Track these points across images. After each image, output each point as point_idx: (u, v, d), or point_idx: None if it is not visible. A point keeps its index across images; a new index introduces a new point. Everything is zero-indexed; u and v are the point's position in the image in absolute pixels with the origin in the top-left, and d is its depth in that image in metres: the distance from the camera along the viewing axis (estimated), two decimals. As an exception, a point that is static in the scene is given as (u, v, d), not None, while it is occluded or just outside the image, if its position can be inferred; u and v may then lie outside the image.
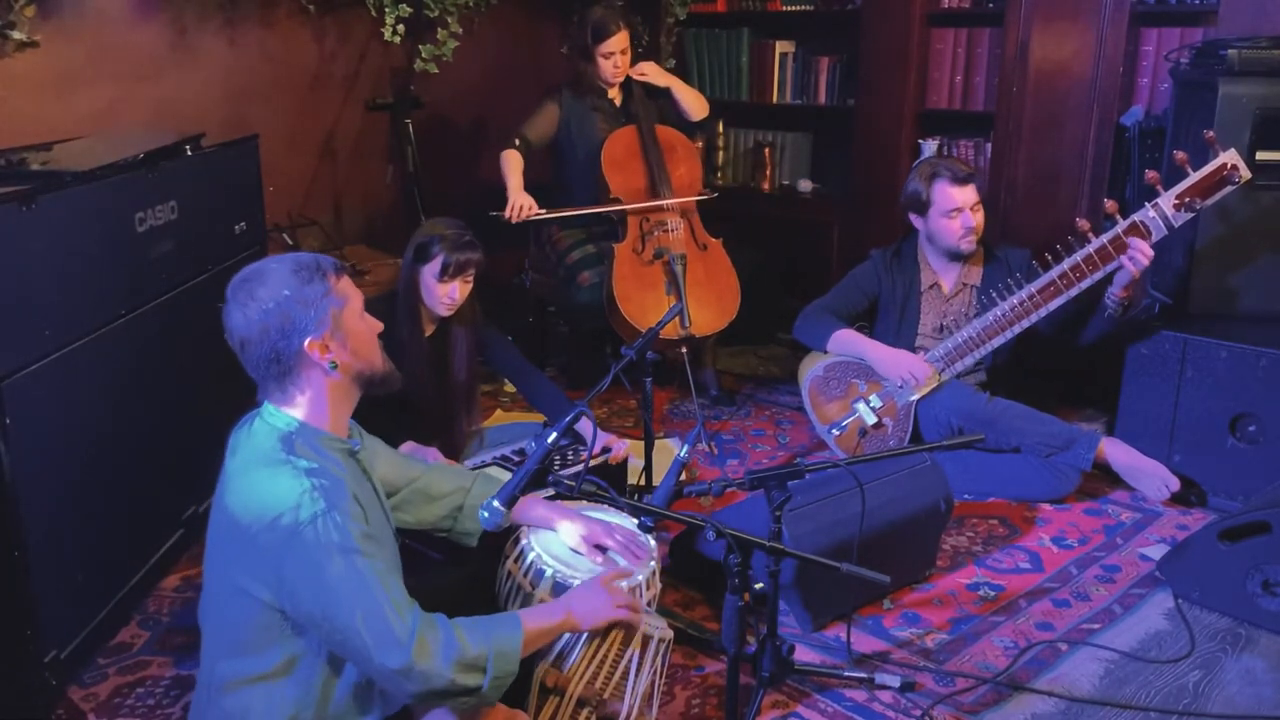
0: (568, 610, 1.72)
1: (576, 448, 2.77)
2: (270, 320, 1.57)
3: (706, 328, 3.53)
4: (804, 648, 2.31)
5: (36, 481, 2.05)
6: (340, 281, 1.64)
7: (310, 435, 1.61)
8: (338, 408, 1.66)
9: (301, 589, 1.50)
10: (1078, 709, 2.11)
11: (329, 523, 1.49)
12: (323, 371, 1.62)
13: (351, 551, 1.49)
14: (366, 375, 1.68)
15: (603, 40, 3.64)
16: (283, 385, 1.62)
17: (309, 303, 1.58)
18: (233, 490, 1.58)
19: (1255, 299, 3.01)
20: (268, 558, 1.50)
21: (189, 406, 2.66)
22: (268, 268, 1.61)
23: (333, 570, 1.48)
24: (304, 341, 1.58)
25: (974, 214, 3.08)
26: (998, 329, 3.00)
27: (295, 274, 1.59)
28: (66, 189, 2.18)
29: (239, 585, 1.55)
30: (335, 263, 1.66)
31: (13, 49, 3.06)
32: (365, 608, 1.47)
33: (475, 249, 2.58)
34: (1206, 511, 2.94)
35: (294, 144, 3.91)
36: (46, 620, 2.10)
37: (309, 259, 1.63)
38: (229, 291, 1.62)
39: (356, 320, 1.66)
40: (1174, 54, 3.31)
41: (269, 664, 1.57)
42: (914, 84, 4.04)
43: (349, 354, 1.64)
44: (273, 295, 1.57)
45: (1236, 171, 2.73)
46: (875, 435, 3.16)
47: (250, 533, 1.52)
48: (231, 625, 1.59)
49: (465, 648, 1.52)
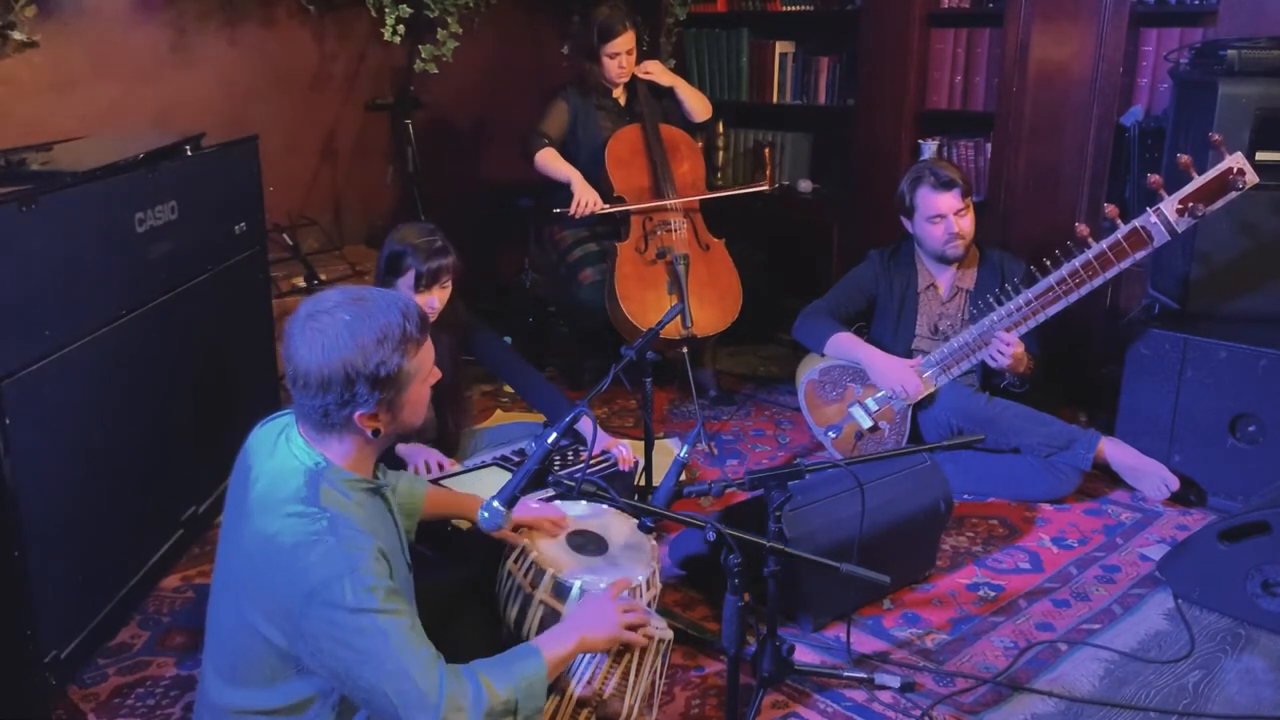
0: (580, 634, 1.70)
1: (577, 448, 2.77)
2: (334, 382, 1.50)
3: (708, 328, 3.53)
4: (804, 648, 2.31)
5: (36, 481, 2.05)
6: (419, 353, 1.56)
7: (336, 476, 1.56)
8: (365, 456, 1.63)
9: (325, 647, 1.45)
10: (1078, 709, 2.11)
11: (355, 584, 1.44)
12: (365, 437, 1.58)
13: (377, 613, 1.44)
14: (404, 436, 1.67)
15: (609, 40, 3.65)
16: (321, 430, 1.58)
17: (378, 382, 1.51)
18: (256, 523, 1.52)
19: (1255, 299, 3.01)
20: (286, 609, 1.46)
21: (189, 406, 2.67)
22: (352, 321, 1.50)
23: (357, 632, 1.43)
24: (356, 414, 1.54)
25: (958, 220, 3.07)
26: (993, 336, 2.99)
27: (378, 344, 1.50)
28: (66, 189, 2.18)
29: (250, 621, 1.51)
30: (419, 324, 1.56)
31: (13, 49, 3.06)
32: (391, 670, 1.43)
33: (447, 254, 2.55)
34: (1206, 511, 2.94)
35: (294, 144, 3.91)
36: (46, 620, 2.10)
37: (398, 323, 1.52)
38: (303, 314, 1.53)
39: (418, 387, 1.60)
40: (1174, 54, 3.31)
41: (277, 701, 1.53)
42: (914, 84, 4.04)
43: (396, 425, 1.60)
44: (344, 355, 1.49)
45: (1242, 176, 2.70)
46: (871, 438, 3.16)
47: (269, 576, 1.48)
48: (239, 655, 1.55)
49: (494, 696, 1.50)
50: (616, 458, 2.73)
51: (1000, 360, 2.90)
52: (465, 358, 2.89)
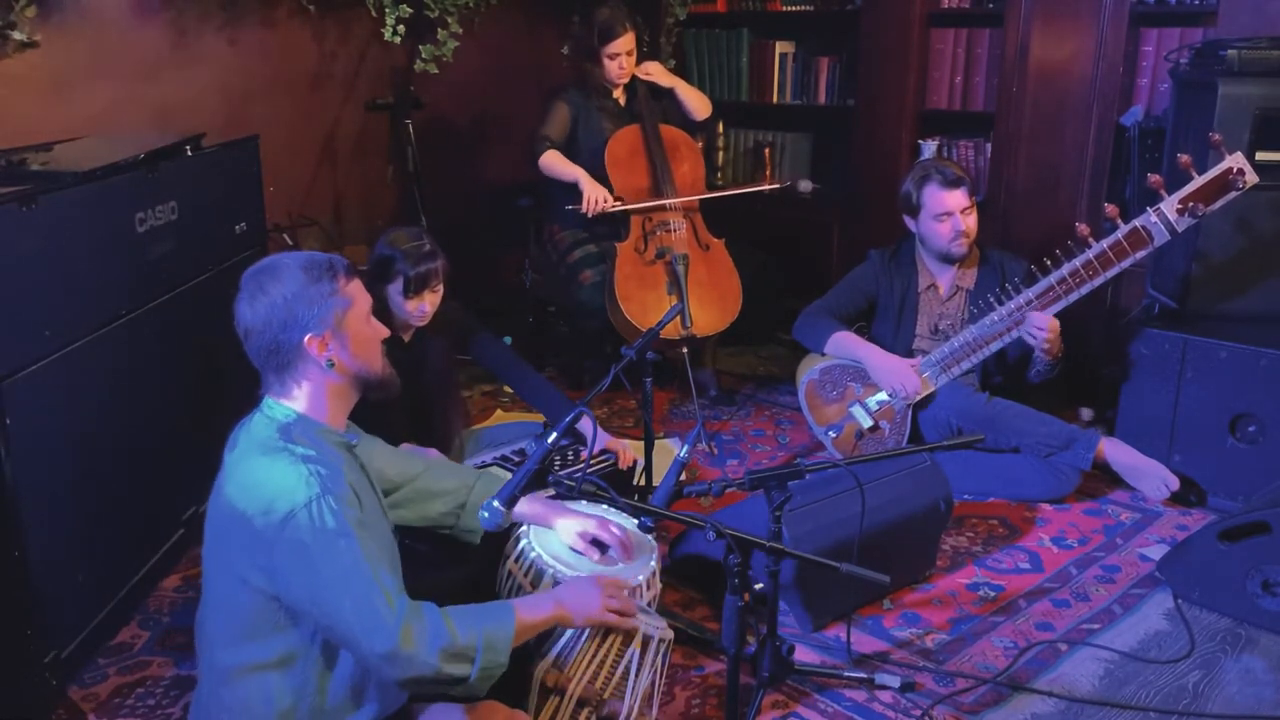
0: (557, 601, 1.72)
1: (577, 448, 2.76)
2: (274, 313, 1.60)
3: (708, 328, 3.53)
4: (804, 648, 2.31)
5: (36, 481, 2.06)
6: (349, 284, 1.67)
7: (308, 426, 1.64)
8: (335, 405, 1.69)
9: (292, 574, 1.52)
10: (1078, 709, 2.12)
11: (323, 506, 1.51)
12: (320, 369, 1.64)
13: (343, 535, 1.51)
14: (364, 377, 1.71)
15: (609, 41, 3.64)
16: (282, 378, 1.65)
17: (313, 300, 1.62)
18: (231, 479, 1.60)
19: (1255, 299, 3.01)
20: (262, 543, 1.52)
21: (189, 406, 2.67)
22: (280, 263, 1.65)
23: (323, 554, 1.50)
24: (304, 337, 1.61)
25: (964, 218, 3.07)
26: (993, 336, 2.98)
27: (305, 271, 1.63)
28: (66, 189, 2.18)
29: (237, 573, 1.57)
30: (347, 264, 1.68)
31: (13, 49, 3.06)
32: (353, 592, 1.49)
33: (435, 258, 2.54)
34: (1206, 511, 2.94)
35: (294, 144, 3.91)
36: (46, 620, 2.10)
37: (322, 258, 1.66)
38: (241, 281, 1.65)
39: (361, 323, 1.69)
40: (1174, 54, 3.31)
41: (267, 654, 1.58)
42: (914, 84, 4.04)
43: (348, 355, 1.66)
44: (280, 289, 1.61)
45: (1242, 176, 2.70)
46: (872, 438, 3.16)
47: (247, 517, 1.54)
48: (230, 614, 1.61)
49: (454, 637, 1.54)
50: (619, 456, 2.73)
51: (1038, 338, 2.88)
52: (463, 358, 2.88)
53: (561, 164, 3.63)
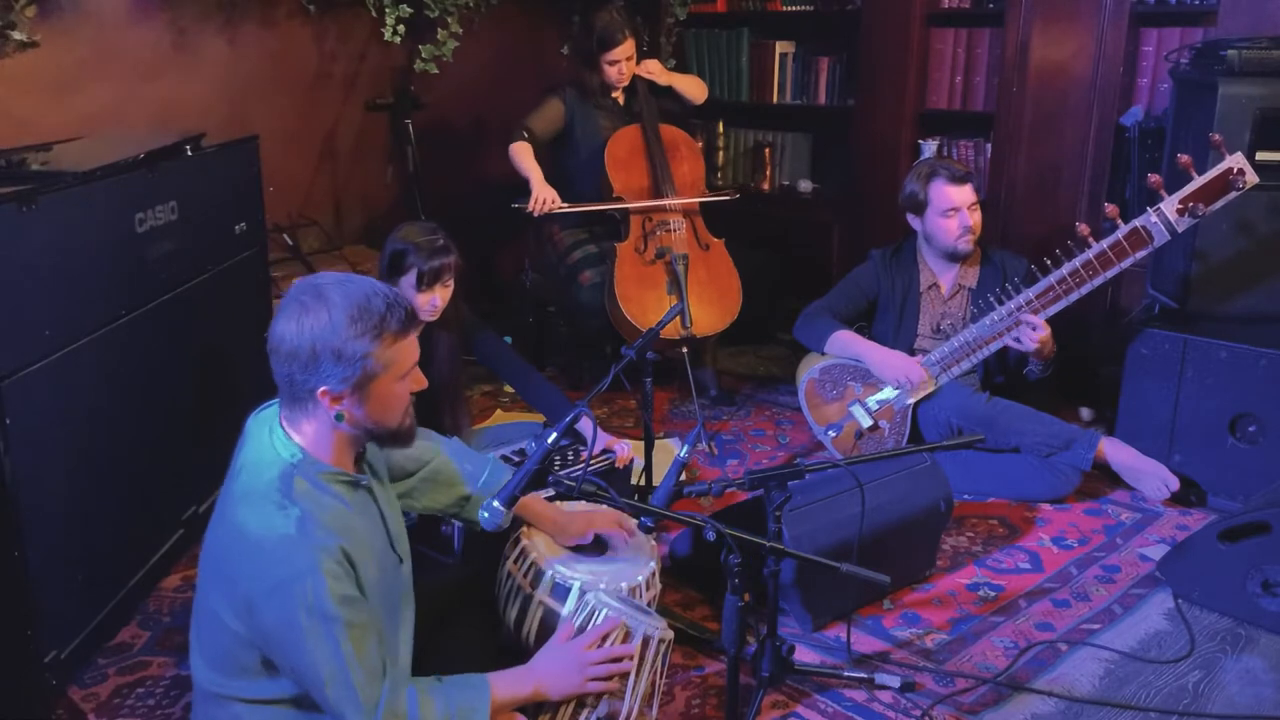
0: (536, 682, 1.71)
1: (577, 448, 2.77)
2: (300, 349, 1.50)
3: (708, 328, 3.53)
4: (804, 648, 2.31)
5: (36, 481, 2.05)
6: (395, 345, 1.55)
7: (312, 469, 1.57)
8: (341, 449, 1.62)
9: (275, 641, 1.49)
10: (1078, 709, 2.11)
11: (314, 587, 1.45)
12: (329, 418, 1.57)
13: (329, 619, 1.46)
14: (375, 432, 1.62)
15: (609, 49, 3.64)
16: (293, 407, 1.58)
17: (342, 357, 1.51)
18: (231, 514, 1.55)
19: (1255, 299, 3.01)
20: (247, 601, 1.49)
21: (189, 406, 2.67)
22: (330, 295, 1.52)
23: (306, 633, 1.46)
24: (319, 388, 1.53)
25: (971, 214, 3.08)
26: (995, 335, 2.99)
27: (349, 317, 1.51)
28: (66, 189, 2.18)
29: (212, 607, 1.54)
30: (404, 317, 1.56)
31: (13, 49, 3.06)
32: (335, 680, 1.47)
33: (449, 252, 2.55)
34: (1206, 511, 2.94)
35: (294, 144, 3.91)
36: (47, 620, 2.10)
37: (378, 306, 1.53)
38: (290, 292, 1.56)
39: (391, 384, 1.57)
40: (1174, 54, 3.31)
41: (248, 692, 1.57)
42: (914, 84, 4.04)
43: (363, 413, 1.57)
44: (315, 327, 1.50)
45: (1242, 176, 2.70)
46: (871, 437, 3.16)
47: (235, 567, 1.51)
48: (209, 642, 1.59)
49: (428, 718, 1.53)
50: (617, 455, 2.73)
51: (1028, 343, 2.90)
52: (466, 357, 2.89)
53: (523, 159, 3.57)
